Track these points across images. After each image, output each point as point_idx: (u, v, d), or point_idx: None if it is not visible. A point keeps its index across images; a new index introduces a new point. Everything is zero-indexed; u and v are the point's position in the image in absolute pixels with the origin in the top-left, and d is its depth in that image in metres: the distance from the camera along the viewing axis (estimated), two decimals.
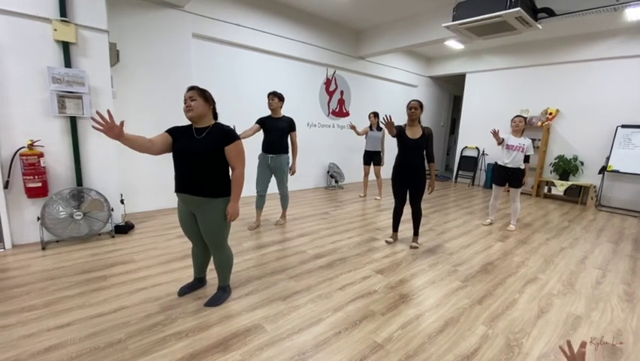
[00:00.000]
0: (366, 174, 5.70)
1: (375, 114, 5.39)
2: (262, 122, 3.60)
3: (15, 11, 2.76)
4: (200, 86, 2.03)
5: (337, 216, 4.45)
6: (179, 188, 2.03)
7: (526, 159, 4.03)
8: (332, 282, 2.57)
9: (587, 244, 3.76)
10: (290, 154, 3.73)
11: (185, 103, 1.97)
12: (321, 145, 6.51)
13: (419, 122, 3.27)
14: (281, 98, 3.59)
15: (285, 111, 3.76)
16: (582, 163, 6.12)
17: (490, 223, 4.42)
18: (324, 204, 5.13)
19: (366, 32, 6.35)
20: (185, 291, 2.29)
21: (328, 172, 6.56)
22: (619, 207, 5.72)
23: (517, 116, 4.10)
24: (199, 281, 2.38)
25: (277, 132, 3.58)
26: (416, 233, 3.45)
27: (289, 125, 3.65)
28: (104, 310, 2.07)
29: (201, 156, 1.94)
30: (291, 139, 3.71)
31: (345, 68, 6.52)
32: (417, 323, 2.07)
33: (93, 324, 1.92)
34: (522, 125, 4.04)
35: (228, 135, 1.98)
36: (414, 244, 3.40)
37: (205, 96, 1.98)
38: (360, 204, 5.22)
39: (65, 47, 2.98)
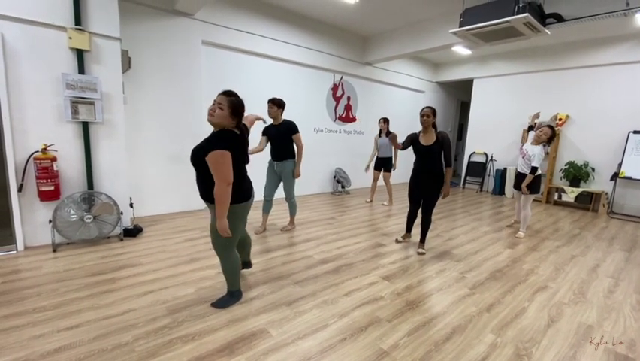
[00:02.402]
0: (375, 179, 5.68)
1: (385, 120, 5.29)
2: (266, 132, 3.62)
3: (32, 20, 2.85)
4: (228, 93, 1.88)
5: (344, 222, 4.44)
6: None
7: (531, 170, 3.85)
8: (338, 287, 2.56)
9: (599, 252, 3.68)
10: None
11: (212, 103, 1.87)
12: (328, 150, 6.53)
13: (434, 127, 3.22)
14: (279, 104, 3.52)
15: (293, 117, 3.79)
16: (593, 169, 6.01)
17: (514, 223, 4.54)
18: (331, 209, 5.13)
19: (372, 38, 6.38)
20: None
21: (334, 177, 6.56)
22: (632, 214, 5.59)
23: (546, 126, 3.87)
24: (244, 264, 2.62)
25: (279, 139, 3.58)
26: (422, 240, 3.44)
27: (289, 129, 3.58)
28: (112, 312, 2.09)
29: (191, 160, 1.91)
30: (295, 142, 3.65)
31: (352, 73, 6.55)
32: (424, 330, 2.05)
33: (101, 326, 1.94)
34: (544, 137, 3.81)
35: (208, 145, 1.81)
36: (420, 250, 3.38)
37: (233, 110, 1.86)
38: (367, 210, 5.21)
39: (79, 54, 3.06)
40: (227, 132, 1.90)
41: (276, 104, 3.51)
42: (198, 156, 1.85)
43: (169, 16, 4.09)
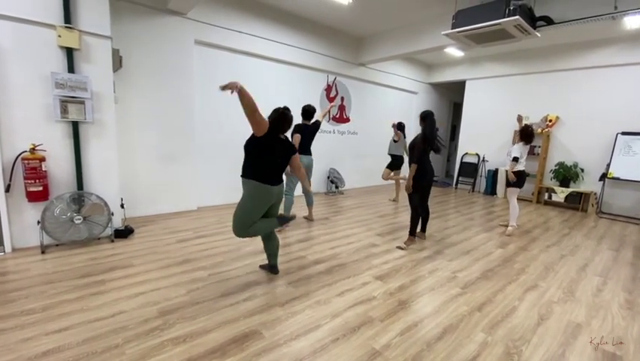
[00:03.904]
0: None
1: (396, 125, 5.63)
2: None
3: (21, 18, 2.80)
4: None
5: (337, 222, 4.45)
6: None
7: (512, 159, 4.19)
8: (331, 288, 2.56)
9: (588, 252, 3.75)
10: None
11: None
12: (322, 151, 6.51)
13: (423, 130, 3.49)
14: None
15: None
16: (582, 170, 6.11)
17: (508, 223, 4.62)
18: (324, 210, 5.13)
19: (366, 39, 6.41)
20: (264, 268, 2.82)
21: (328, 177, 6.57)
22: (620, 214, 5.70)
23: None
24: (270, 267, 2.75)
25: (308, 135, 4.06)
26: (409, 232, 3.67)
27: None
28: (102, 314, 2.06)
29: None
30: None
31: (345, 74, 6.57)
32: (416, 330, 2.06)
33: (91, 328, 1.92)
34: (517, 138, 4.34)
35: None
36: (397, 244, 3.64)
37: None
38: (361, 210, 5.22)
39: (69, 52, 3.02)
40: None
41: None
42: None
43: (161, 15, 4.06)
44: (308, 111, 3.98)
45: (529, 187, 6.43)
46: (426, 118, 3.41)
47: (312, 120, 4.07)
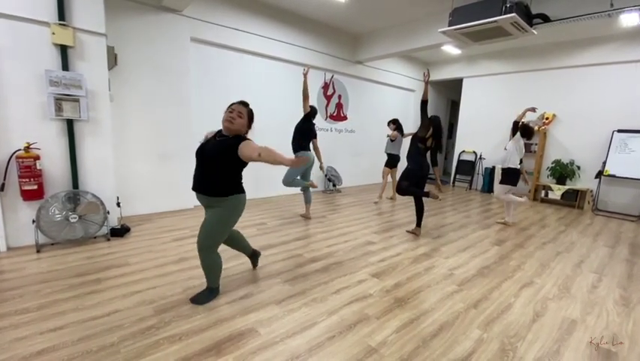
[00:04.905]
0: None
1: (393, 123, 5.67)
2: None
3: (14, 15, 2.77)
4: (245, 104, 2.21)
5: (334, 220, 4.45)
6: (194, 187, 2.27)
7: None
8: (327, 286, 2.56)
9: (584, 249, 3.77)
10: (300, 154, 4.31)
11: (230, 112, 2.09)
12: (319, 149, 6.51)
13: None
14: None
15: (283, 115, 3.81)
16: (579, 167, 6.14)
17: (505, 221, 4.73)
18: (322, 208, 5.13)
19: (363, 37, 6.39)
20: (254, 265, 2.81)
21: (326, 175, 6.56)
22: (616, 211, 5.73)
23: None
24: (252, 255, 2.76)
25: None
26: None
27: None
28: (97, 313, 2.06)
29: (208, 155, 2.14)
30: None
31: (342, 72, 6.55)
32: (412, 327, 2.07)
33: (86, 327, 1.91)
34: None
35: (235, 140, 2.07)
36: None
37: (250, 119, 2.19)
38: (358, 208, 5.22)
39: (63, 50, 2.99)
40: (246, 138, 2.15)
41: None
42: (219, 152, 2.09)
43: (157, 12, 4.03)
44: (316, 113, 4.42)
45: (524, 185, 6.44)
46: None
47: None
